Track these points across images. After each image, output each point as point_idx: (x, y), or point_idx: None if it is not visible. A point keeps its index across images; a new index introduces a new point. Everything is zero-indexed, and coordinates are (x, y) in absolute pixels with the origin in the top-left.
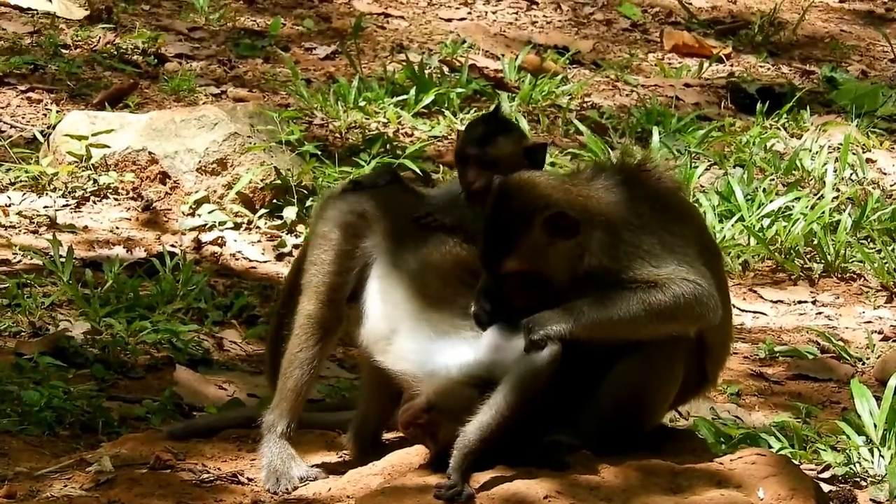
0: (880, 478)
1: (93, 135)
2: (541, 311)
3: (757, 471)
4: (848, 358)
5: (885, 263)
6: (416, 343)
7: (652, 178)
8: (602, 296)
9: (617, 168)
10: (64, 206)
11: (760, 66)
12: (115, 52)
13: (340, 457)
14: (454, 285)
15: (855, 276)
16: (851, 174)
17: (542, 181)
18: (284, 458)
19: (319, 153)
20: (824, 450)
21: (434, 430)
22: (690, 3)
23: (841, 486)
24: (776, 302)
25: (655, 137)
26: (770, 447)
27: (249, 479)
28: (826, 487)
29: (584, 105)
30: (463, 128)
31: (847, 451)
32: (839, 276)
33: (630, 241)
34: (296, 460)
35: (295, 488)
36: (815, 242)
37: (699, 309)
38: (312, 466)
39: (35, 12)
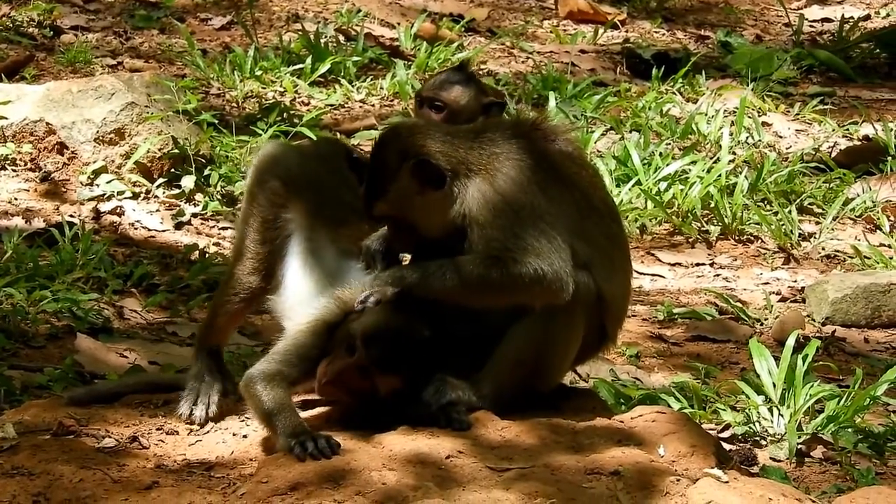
0: (780, 436)
1: None
2: (420, 256)
3: (657, 428)
4: (746, 319)
5: (782, 225)
6: None
7: (545, 137)
8: (446, 263)
9: (511, 124)
10: None
11: (655, 32)
12: (11, 25)
13: (243, 420)
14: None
15: (752, 239)
16: (747, 137)
17: (423, 130)
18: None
19: (217, 122)
20: (724, 410)
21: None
22: None
23: (741, 445)
24: (674, 265)
25: (552, 103)
26: (670, 407)
27: (148, 430)
28: (726, 447)
29: (481, 72)
30: (360, 97)
31: (746, 410)
32: (736, 238)
33: (503, 194)
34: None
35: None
36: (713, 205)
37: (538, 289)
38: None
39: None
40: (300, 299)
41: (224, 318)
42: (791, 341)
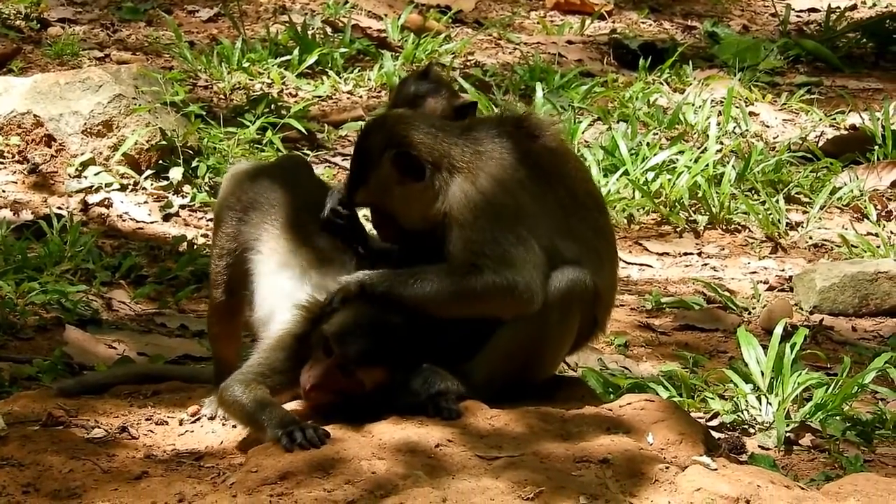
0: (768, 424)
1: None
2: (403, 245)
3: (646, 416)
4: (734, 308)
5: (770, 214)
6: None
7: (530, 133)
8: (414, 271)
9: (496, 121)
10: None
11: (642, 23)
12: None
13: None
14: (337, 271)
15: (740, 228)
16: (734, 127)
17: (409, 120)
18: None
19: (204, 114)
20: (712, 398)
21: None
22: None
23: (729, 433)
24: (662, 254)
25: (539, 94)
26: (658, 395)
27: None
28: (715, 435)
29: (468, 63)
30: (347, 88)
31: (735, 398)
32: (724, 227)
33: (485, 194)
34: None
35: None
36: (700, 195)
37: (508, 300)
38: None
39: None
40: (271, 306)
41: (217, 346)
42: (779, 330)
